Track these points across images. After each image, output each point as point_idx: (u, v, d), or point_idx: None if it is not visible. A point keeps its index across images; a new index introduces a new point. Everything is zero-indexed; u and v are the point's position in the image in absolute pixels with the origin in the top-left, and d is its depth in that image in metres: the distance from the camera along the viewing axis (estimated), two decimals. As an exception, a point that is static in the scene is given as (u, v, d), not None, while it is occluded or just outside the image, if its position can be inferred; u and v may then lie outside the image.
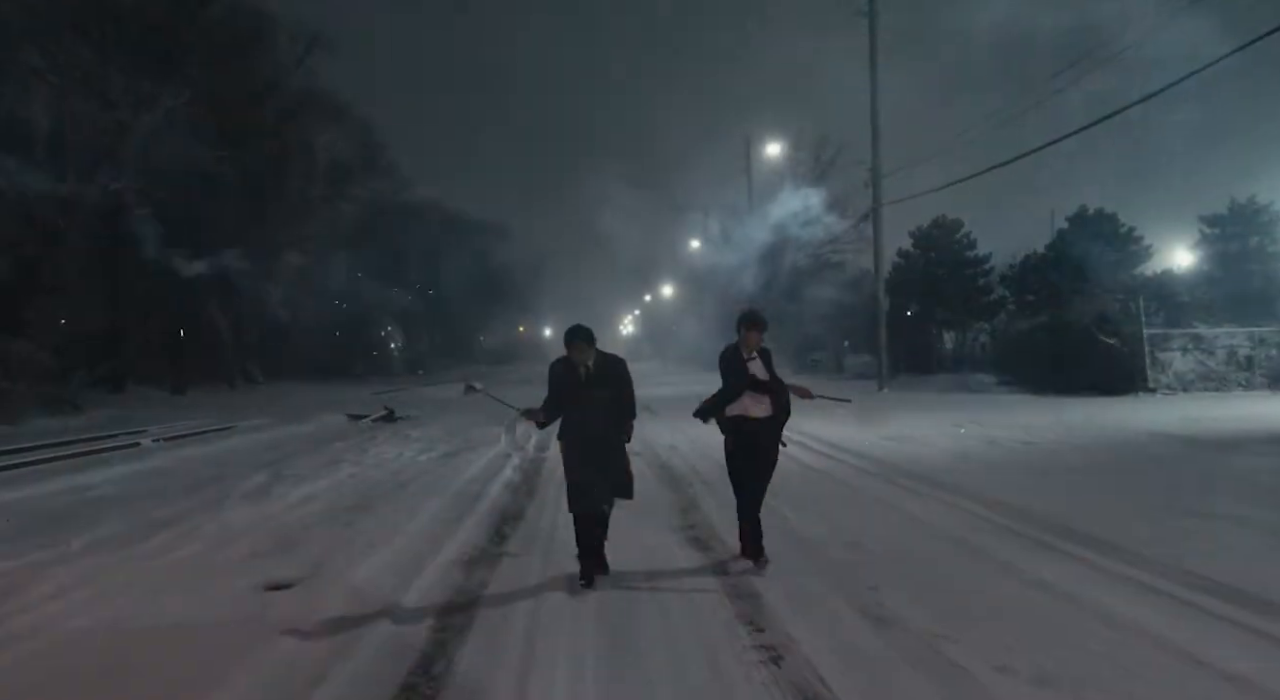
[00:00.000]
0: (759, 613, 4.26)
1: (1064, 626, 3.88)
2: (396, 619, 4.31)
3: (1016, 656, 3.49)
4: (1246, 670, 3.28)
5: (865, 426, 13.20)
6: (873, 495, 7.61)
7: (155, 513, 7.57)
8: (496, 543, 6.13)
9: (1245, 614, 3.90)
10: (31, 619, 4.51)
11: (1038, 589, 4.48)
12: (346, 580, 5.04)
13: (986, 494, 7.20)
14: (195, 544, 6.28)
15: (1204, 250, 37.36)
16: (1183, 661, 3.41)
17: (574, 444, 5.08)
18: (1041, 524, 5.97)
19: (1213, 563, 4.71)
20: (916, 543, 5.71)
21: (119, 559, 5.83)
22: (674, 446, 11.62)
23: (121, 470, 10.69)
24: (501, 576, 5.18)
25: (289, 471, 10.06)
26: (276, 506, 7.82)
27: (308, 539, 6.31)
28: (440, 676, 3.58)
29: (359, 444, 13.39)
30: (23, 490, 9.07)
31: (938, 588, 4.58)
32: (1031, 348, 23.42)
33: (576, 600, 4.60)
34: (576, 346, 5.02)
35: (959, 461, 9.40)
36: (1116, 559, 4.96)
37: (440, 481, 9.00)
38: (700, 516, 6.86)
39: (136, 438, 14.12)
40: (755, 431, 5.26)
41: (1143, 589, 4.40)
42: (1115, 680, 3.24)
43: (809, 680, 3.38)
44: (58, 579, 5.29)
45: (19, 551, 6.08)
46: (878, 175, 21.61)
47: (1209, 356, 19.52)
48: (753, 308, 5.90)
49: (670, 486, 8.42)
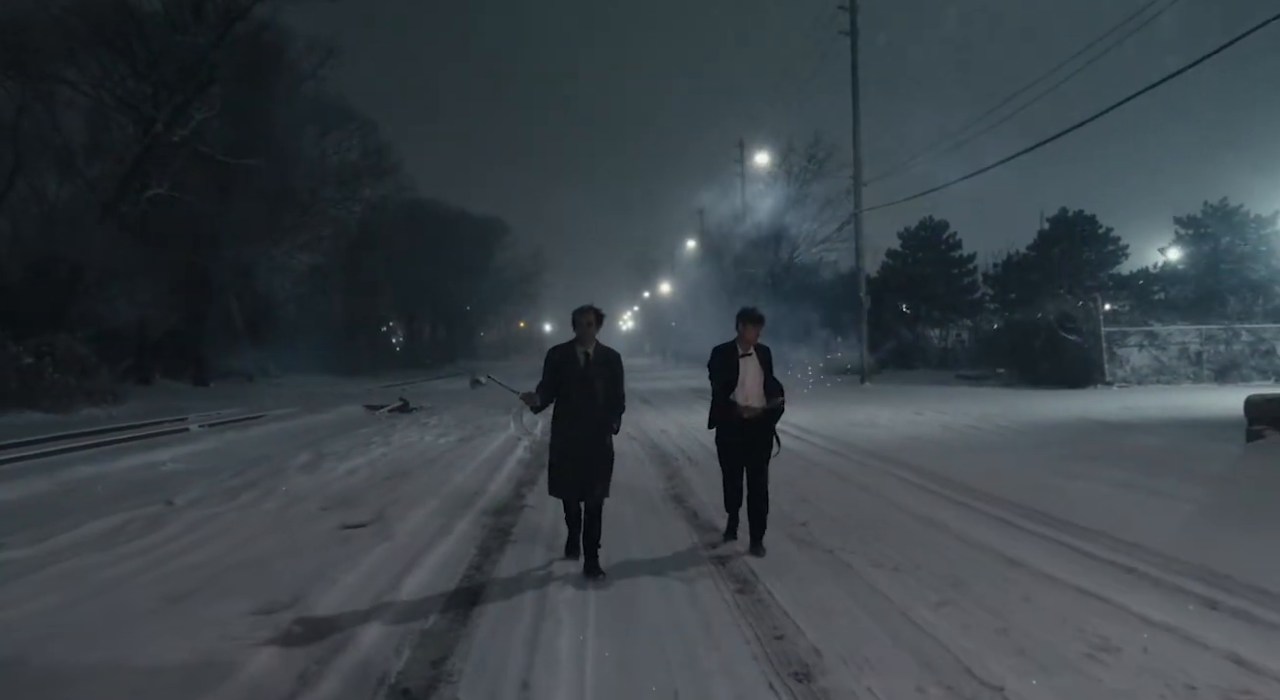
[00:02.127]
0: (714, 540, 5.81)
1: (928, 543, 5.44)
2: (450, 543, 5.85)
3: (886, 558, 5.05)
4: (1025, 556, 4.92)
5: (838, 414, 14.75)
6: (827, 467, 9.14)
7: (228, 482, 9.08)
8: (517, 499, 7.68)
9: (1050, 530, 5.52)
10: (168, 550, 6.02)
11: (922, 522, 6.05)
12: (405, 522, 6.57)
13: (918, 464, 8.77)
14: (273, 502, 7.81)
15: (1179, 249, 38.93)
16: (992, 558, 5.00)
17: (562, 433, 5.11)
18: (947, 483, 7.54)
19: (1050, 503, 6.31)
20: (849, 497, 7.25)
21: (219, 511, 7.34)
22: (664, 431, 13.16)
23: (180, 451, 12.19)
24: (522, 521, 6.70)
25: (328, 451, 11.57)
26: (328, 476, 9.35)
27: (364, 498, 7.84)
28: (490, 573, 5.12)
29: (382, 430, 14.87)
30: (105, 466, 10.58)
31: (852, 524, 6.12)
32: (1004, 344, 24.98)
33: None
34: (586, 320, 5.02)
35: (909, 442, 10.96)
36: (987, 503, 6.55)
37: (462, 458, 10.55)
38: (680, 479, 8.42)
39: (182, 424, 15.64)
40: (749, 425, 5.39)
41: (993, 519, 5.98)
42: (943, 567, 4.81)
43: (745, 573, 4.92)
44: (179, 522, 6.83)
45: (134, 506, 7.59)
46: (858, 184, 23.13)
47: (1162, 352, 21.10)
48: (751, 305, 5.82)
49: (658, 460, 9.98)
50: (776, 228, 46.97)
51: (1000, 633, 3.72)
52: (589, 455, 5.01)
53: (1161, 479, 7.33)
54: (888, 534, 5.74)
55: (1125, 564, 4.75)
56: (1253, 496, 6.47)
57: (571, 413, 5.06)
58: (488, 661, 3.60)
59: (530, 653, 3.66)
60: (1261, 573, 4.38)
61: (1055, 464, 8.47)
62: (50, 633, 4.07)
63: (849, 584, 4.59)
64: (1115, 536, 5.36)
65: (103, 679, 3.45)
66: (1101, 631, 3.67)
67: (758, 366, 5.43)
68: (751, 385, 5.40)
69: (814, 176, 44.36)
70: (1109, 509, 6.25)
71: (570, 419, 5.06)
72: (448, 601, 4.52)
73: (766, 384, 5.42)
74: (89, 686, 3.38)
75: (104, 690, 3.33)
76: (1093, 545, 5.21)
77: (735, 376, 5.40)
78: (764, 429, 5.40)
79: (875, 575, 4.72)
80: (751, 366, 5.42)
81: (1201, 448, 8.87)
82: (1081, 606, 4.04)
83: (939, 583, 4.54)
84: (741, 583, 4.75)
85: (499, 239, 68.93)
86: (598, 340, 5.12)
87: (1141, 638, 3.59)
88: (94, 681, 3.43)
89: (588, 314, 5.03)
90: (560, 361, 5.08)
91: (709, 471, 8.86)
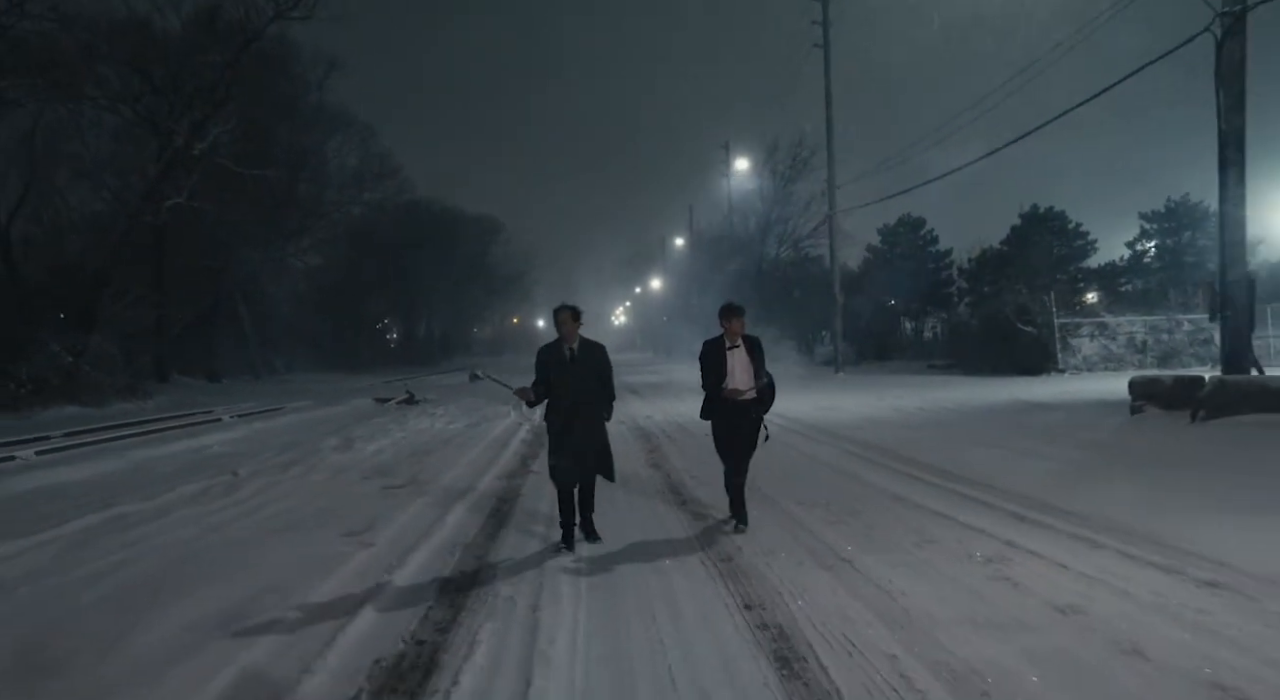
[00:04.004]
0: (681, 487, 7.45)
1: (843, 489, 7.09)
2: (474, 495, 7.47)
3: (808, 499, 6.69)
4: (910, 495, 6.56)
5: (807, 401, 16.37)
6: (784, 441, 10.75)
7: (274, 460, 10.65)
8: (523, 468, 9.30)
9: (939, 479, 7.16)
10: (251, 504, 7.61)
11: (844, 476, 7.71)
12: (436, 483, 8.20)
13: (859, 438, 10.43)
14: (320, 473, 9.41)
15: (1145, 243, 40.72)
16: (887, 497, 6.65)
17: (556, 423, 5.46)
18: (876, 450, 9.20)
19: (950, 463, 7.95)
20: (798, 462, 8.88)
21: (278, 480, 8.93)
22: (650, 417, 14.79)
23: (220, 437, 13.76)
24: (529, 482, 8.30)
25: (354, 435, 13.15)
26: (360, 455, 10.95)
27: (396, 469, 9.45)
28: (507, 516, 6.73)
29: (395, 419, 16.44)
30: (160, 449, 12.15)
31: (790, 478, 7.75)
32: (970, 335, 26.65)
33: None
34: (563, 319, 5.35)
35: (863, 422, 12.60)
36: (901, 463, 8.21)
37: (472, 440, 12.16)
38: (660, 454, 10.05)
39: (213, 415, 17.20)
40: (740, 413, 5.71)
41: (899, 474, 7.64)
42: (848, 503, 6.46)
43: (699, 509, 6.56)
44: (249, 487, 8.42)
45: (205, 477, 9.15)
46: (832, 187, 24.78)
47: (1112, 341, 22.83)
48: (730, 300, 5.98)
49: (643, 439, 11.62)
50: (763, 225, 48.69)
51: (865, 535, 5.37)
52: (582, 444, 5.40)
53: (1052, 447, 8.98)
54: (816, 484, 7.39)
55: (979, 499, 6.41)
56: (1112, 456, 8.13)
57: (563, 405, 5.43)
58: (515, 558, 5.22)
59: (542, 547, 5.29)
60: (1072, 502, 6.04)
61: (973, 436, 10.13)
62: (196, 550, 5.68)
63: (774, 514, 6.22)
64: (985, 484, 7.02)
65: (250, 571, 5.04)
66: (933, 533, 5.33)
67: (746, 358, 5.64)
68: (741, 376, 5.61)
69: (798, 175, 46.12)
70: (997, 467, 7.89)
71: (562, 411, 5.45)
72: (479, 530, 6.13)
73: (756, 374, 5.62)
74: (241, 576, 4.97)
75: (256, 577, 4.92)
76: (964, 488, 6.87)
77: (724, 369, 5.64)
78: (754, 419, 5.72)
79: (796, 509, 6.36)
80: (740, 358, 5.63)
81: (1096, 421, 10.54)
82: (930, 521, 5.69)
83: (840, 511, 6.18)
84: (695, 514, 6.39)
85: (494, 236, 70.37)
86: (582, 336, 5.46)
87: (956, 534, 5.25)
88: (244, 572, 5.02)
89: (563, 313, 5.38)
90: (548, 359, 5.45)
91: (683, 446, 10.55)
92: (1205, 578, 4.15)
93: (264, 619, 4.03)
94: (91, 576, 4.98)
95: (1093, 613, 3.73)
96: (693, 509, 6.65)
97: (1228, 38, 9.46)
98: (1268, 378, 9.26)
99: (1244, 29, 9.38)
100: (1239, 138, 9.59)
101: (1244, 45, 9.42)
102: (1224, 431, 8.51)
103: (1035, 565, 4.54)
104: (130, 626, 3.94)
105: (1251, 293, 9.80)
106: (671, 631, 3.76)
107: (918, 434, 10.64)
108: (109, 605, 4.36)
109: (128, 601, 4.40)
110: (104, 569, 5.15)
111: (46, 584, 4.86)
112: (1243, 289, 9.72)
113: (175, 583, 4.75)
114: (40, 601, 4.52)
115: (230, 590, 4.54)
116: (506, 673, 3.38)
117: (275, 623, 3.99)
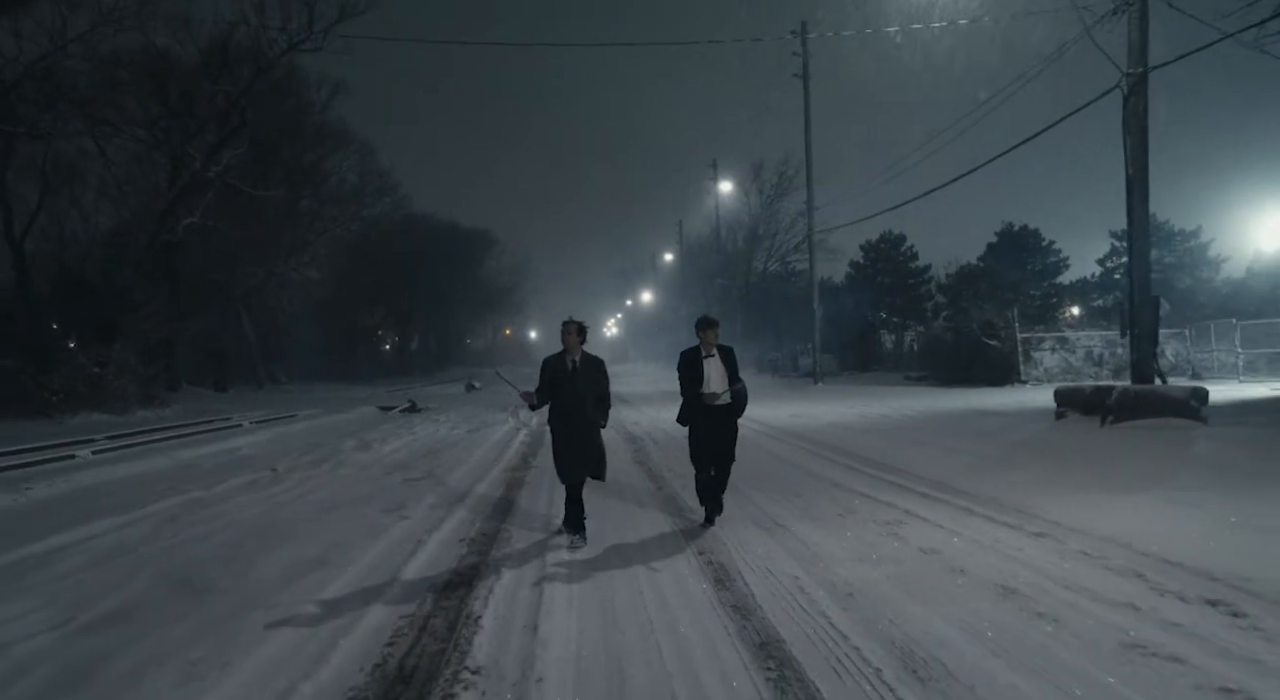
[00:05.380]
0: (659, 481, 8.86)
1: (793, 476, 8.53)
2: (485, 483, 8.88)
3: (762, 484, 8.12)
4: (847, 481, 8.00)
5: (783, 408, 17.85)
6: (753, 442, 12.19)
7: (303, 458, 12.01)
8: (524, 464, 10.70)
9: (875, 471, 8.62)
10: (298, 491, 8.98)
11: (796, 468, 9.15)
12: (451, 476, 9.59)
13: (820, 439, 11.88)
14: (348, 469, 10.78)
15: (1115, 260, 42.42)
16: (827, 483, 8.09)
17: (558, 428, 5.97)
18: (837, 450, 10.64)
19: (890, 459, 9.39)
20: (762, 459, 10.30)
21: (312, 474, 10.31)
22: (637, 422, 16.22)
23: (246, 440, 15.10)
24: (530, 476, 9.70)
25: (368, 438, 14.51)
26: (378, 454, 12.32)
27: (413, 466, 10.84)
28: (515, 498, 8.13)
29: (402, 425, 17.80)
30: (198, 450, 13.48)
31: (751, 470, 9.17)
32: (943, 349, 28.16)
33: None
34: (569, 331, 5.79)
35: (827, 427, 14.05)
36: (848, 458, 9.66)
37: (476, 442, 13.55)
38: (645, 453, 11.47)
39: (232, 422, 18.52)
40: (717, 416, 6.17)
41: (843, 466, 9.09)
42: (795, 486, 7.89)
43: (671, 491, 7.98)
44: (291, 480, 9.78)
45: (249, 472, 10.51)
46: (811, 208, 26.37)
47: (1072, 355, 24.38)
48: (706, 314, 6.58)
49: (629, 440, 13.05)
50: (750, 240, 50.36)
51: (801, 510, 6.81)
52: (581, 446, 5.91)
53: (979, 445, 10.44)
54: (771, 473, 8.83)
55: (899, 484, 7.86)
56: (1024, 452, 9.59)
57: (564, 412, 5.92)
58: (524, 525, 6.63)
59: (546, 519, 6.71)
60: (971, 485, 7.49)
61: (917, 437, 11.60)
62: (268, 523, 7.05)
63: (734, 496, 7.59)
64: (913, 473, 8.47)
65: (317, 536, 6.41)
66: (854, 507, 6.77)
67: (720, 366, 6.17)
68: (717, 382, 6.15)
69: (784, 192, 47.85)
70: (926, 461, 9.35)
71: (563, 417, 5.95)
72: (491, 510, 7.53)
73: (731, 380, 6.17)
74: (312, 539, 6.34)
75: (323, 539, 6.29)
76: (891, 476, 8.33)
77: (700, 376, 6.16)
78: (729, 423, 6.23)
79: (752, 492, 7.79)
80: (715, 366, 6.16)
81: (1026, 425, 12.01)
82: (855, 499, 7.14)
83: (787, 493, 7.62)
84: (668, 497, 7.83)
85: (488, 250, 71.85)
86: (584, 350, 5.94)
87: (871, 508, 6.69)
88: (313, 537, 6.39)
89: (570, 326, 5.86)
90: (553, 369, 5.94)
91: (665, 446, 11.96)
92: (1036, 531, 5.61)
93: (344, 561, 5.43)
94: (194, 539, 6.37)
95: (945, 553, 5.18)
96: (667, 493, 8.07)
97: (1133, 94, 11.01)
98: (1164, 387, 10.76)
99: (1145, 88, 10.93)
100: (1144, 182, 11.13)
101: (1145, 102, 10.97)
102: (1123, 433, 9.99)
103: (920, 526, 5.98)
104: (249, 565, 5.34)
105: (1155, 314, 11.31)
106: (644, 570, 5.17)
107: (871, 436, 12.10)
108: (222, 554, 5.75)
109: (236, 553, 5.79)
110: (201, 535, 6.54)
111: (161, 545, 6.24)
112: (1148, 311, 11.23)
113: (264, 543, 6.14)
114: (166, 554, 5.90)
115: (308, 547, 5.94)
116: (524, 583, 4.81)
117: (353, 562, 5.39)
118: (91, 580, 5.19)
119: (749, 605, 4.35)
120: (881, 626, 3.91)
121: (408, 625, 4.21)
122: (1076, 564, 4.81)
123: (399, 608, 4.47)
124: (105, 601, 4.71)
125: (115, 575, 5.29)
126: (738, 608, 4.31)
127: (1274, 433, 9.39)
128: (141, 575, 5.24)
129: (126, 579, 5.17)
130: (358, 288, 50.30)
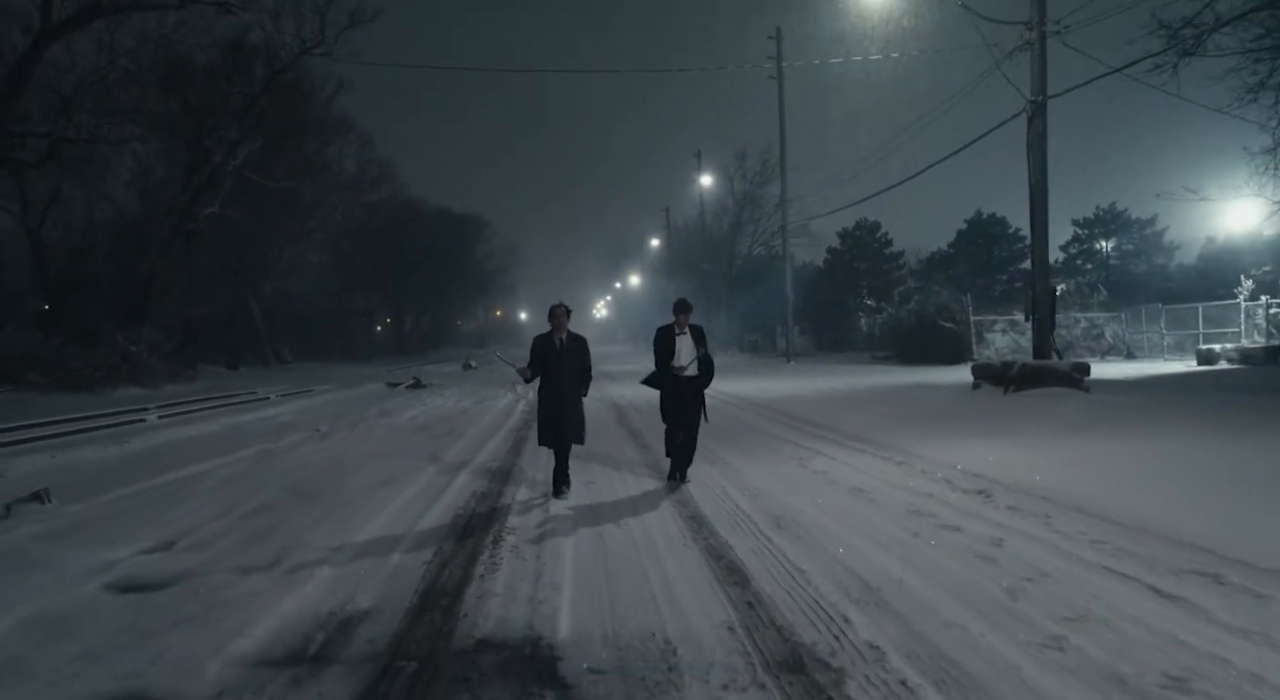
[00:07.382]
0: (640, 439, 11.05)
1: (748, 435, 10.73)
2: (496, 440, 11.05)
3: (722, 440, 10.30)
4: (790, 437, 10.24)
5: (752, 384, 20.07)
6: (719, 409, 14.32)
7: (338, 422, 14.12)
8: (526, 427, 12.85)
9: (814, 429, 10.86)
10: (345, 445, 11.10)
11: (752, 428, 11.37)
12: (466, 435, 11.74)
13: (778, 408, 14.10)
14: (378, 430, 12.91)
15: (1076, 247, 44.76)
16: (775, 439, 10.31)
17: (545, 400, 6.84)
18: (785, 414, 12.86)
19: (828, 421, 11.62)
20: (724, 422, 12.43)
21: (351, 433, 12.42)
22: (622, 395, 18.41)
23: (280, 409, 17.18)
24: (532, 433, 11.82)
25: (387, 408, 16.64)
26: (400, 419, 14.45)
27: (434, 427, 12.98)
28: (521, 448, 10.30)
29: (412, 398, 19.91)
30: (241, 417, 15.56)
31: (718, 430, 11.34)
32: (904, 330, 30.44)
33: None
34: (556, 313, 6.58)
35: (786, 398, 16.26)
36: (794, 420, 11.90)
37: (481, 412, 15.71)
38: (628, 419, 13.67)
39: (258, 395, 20.60)
40: (684, 387, 7.12)
41: (789, 426, 11.31)
42: (748, 443, 10.09)
43: (646, 445, 10.17)
44: (335, 438, 11.90)
45: (297, 433, 12.62)
46: (784, 200, 28.50)
47: (1021, 336, 26.65)
48: (682, 297, 7.31)
49: (614, 408, 15.25)
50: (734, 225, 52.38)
51: (743, 453, 9.02)
52: (565, 415, 6.78)
53: (901, 410, 12.67)
54: (726, 429, 11.02)
55: (823, 436, 10.08)
56: (931, 414, 11.83)
57: (551, 385, 6.77)
58: (532, 464, 8.80)
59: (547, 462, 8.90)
60: (875, 435, 9.70)
61: (857, 405, 13.82)
62: (335, 464, 9.18)
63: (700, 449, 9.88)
64: (836, 429, 10.69)
65: (374, 472, 8.53)
66: (783, 451, 8.99)
67: (691, 343, 7.08)
68: (685, 356, 7.05)
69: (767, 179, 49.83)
70: (852, 421, 11.56)
71: (550, 389, 6.80)
72: (504, 457, 9.70)
73: (699, 356, 7.09)
74: (371, 473, 8.45)
75: (379, 474, 8.40)
76: (819, 431, 10.57)
77: (672, 350, 7.05)
78: (696, 392, 7.18)
79: (707, 441, 9.90)
80: (686, 343, 7.05)
81: (948, 396, 14.27)
82: (785, 446, 9.35)
83: (740, 447, 9.84)
84: (643, 446, 10.03)
85: (479, 233, 73.60)
86: (570, 329, 6.79)
87: (795, 452, 8.91)
88: (371, 472, 8.50)
89: (558, 309, 6.70)
90: (541, 347, 6.78)
91: (645, 413, 14.12)
92: (899, 461, 7.86)
93: (407, 482, 7.60)
94: (287, 471, 8.52)
95: (829, 473, 7.41)
96: (641, 443, 10.27)
97: (1035, 117, 13.16)
98: (1054, 362, 13.02)
99: (1044, 114, 13.09)
100: (1043, 191, 13.30)
101: (1044, 125, 13.12)
102: (1017, 399, 12.26)
103: (822, 460, 8.22)
104: (339, 483, 7.51)
105: (1052, 302, 13.54)
106: (624, 494, 7.35)
107: (817, 405, 14.33)
108: (316, 479, 7.91)
109: (325, 478, 7.95)
110: (291, 467, 8.69)
111: (266, 474, 8.39)
112: (1046, 299, 13.45)
113: (340, 473, 8.30)
114: (275, 478, 8.04)
115: (377, 474, 8.10)
116: (535, 493, 7.01)
117: (414, 483, 7.56)
118: (231, 491, 7.35)
119: (689, 500, 6.56)
120: (767, 506, 6.13)
121: (462, 509, 6.40)
122: (911, 476, 7.05)
123: (455, 500, 6.65)
124: (248, 502, 6.86)
125: (245, 488, 7.46)
126: (681, 502, 6.52)
127: (1132, 399, 11.71)
128: (265, 489, 7.40)
129: (254, 491, 7.33)
130: (355, 271, 52.17)
